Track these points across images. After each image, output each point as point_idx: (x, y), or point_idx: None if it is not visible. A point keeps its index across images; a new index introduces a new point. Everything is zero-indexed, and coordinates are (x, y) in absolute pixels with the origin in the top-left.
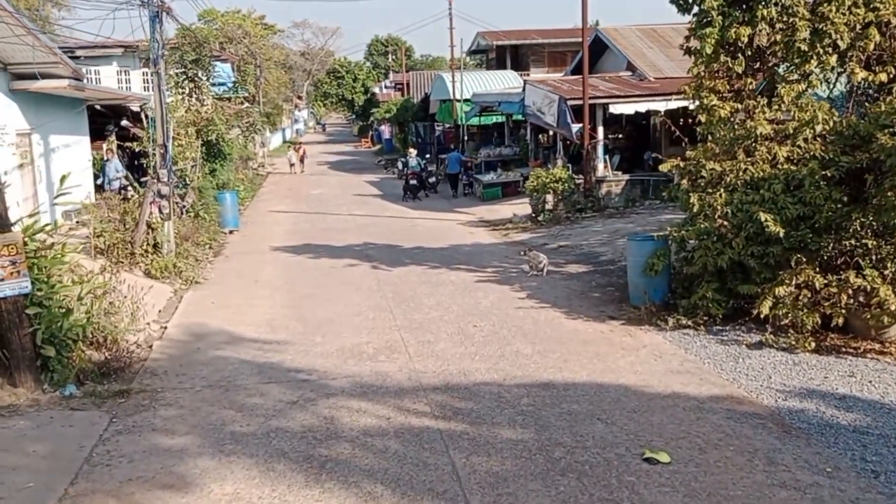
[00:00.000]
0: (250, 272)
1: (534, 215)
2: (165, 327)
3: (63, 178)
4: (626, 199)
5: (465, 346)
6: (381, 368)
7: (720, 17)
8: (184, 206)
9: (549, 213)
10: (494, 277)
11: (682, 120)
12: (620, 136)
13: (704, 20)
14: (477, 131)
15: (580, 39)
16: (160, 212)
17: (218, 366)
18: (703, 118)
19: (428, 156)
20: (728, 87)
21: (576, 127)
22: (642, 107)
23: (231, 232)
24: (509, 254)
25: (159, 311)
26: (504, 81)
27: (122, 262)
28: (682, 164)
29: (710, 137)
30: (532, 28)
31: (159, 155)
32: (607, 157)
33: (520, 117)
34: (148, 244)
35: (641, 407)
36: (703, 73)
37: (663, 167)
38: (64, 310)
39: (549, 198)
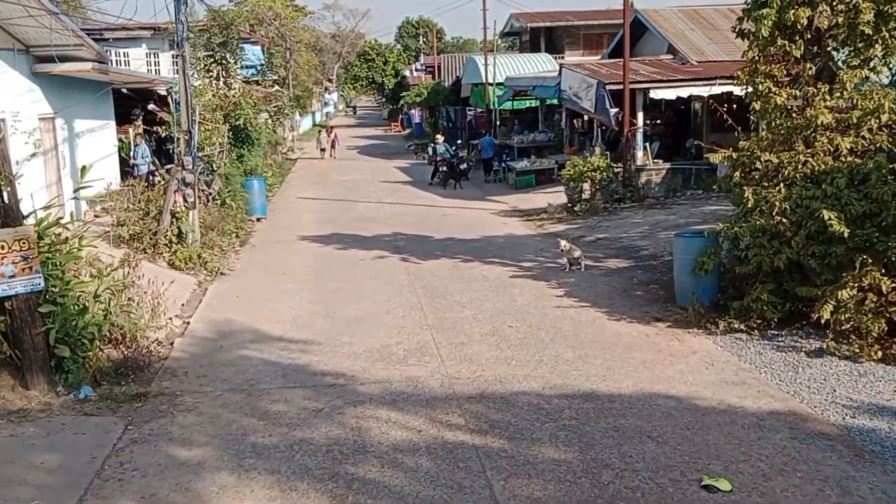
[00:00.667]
0: (277, 263)
1: (570, 205)
2: (188, 323)
3: (84, 170)
4: (667, 189)
5: (500, 349)
6: (412, 373)
7: None
8: (210, 194)
9: (585, 203)
10: (530, 272)
11: (726, 105)
12: (659, 122)
13: (761, 0)
14: (509, 116)
15: (617, 21)
16: (185, 200)
17: (241, 366)
18: (757, 105)
19: (459, 141)
20: (785, 72)
21: (614, 112)
22: (684, 92)
23: (259, 219)
24: (545, 246)
25: (182, 304)
26: (538, 65)
27: (146, 253)
28: (734, 155)
29: (764, 126)
30: (567, 10)
31: (184, 141)
32: (647, 144)
33: (554, 102)
34: (172, 234)
35: (695, 423)
36: (757, 58)
37: (714, 158)
38: (80, 307)
39: (586, 187)
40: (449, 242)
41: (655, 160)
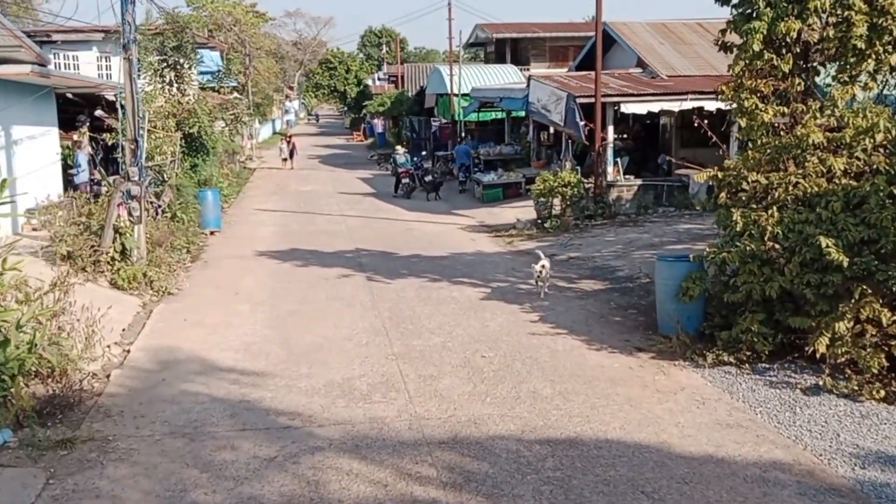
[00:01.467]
0: (230, 282)
1: (539, 221)
2: (128, 350)
3: (3, 184)
4: (639, 206)
5: (473, 382)
6: (376, 412)
7: (768, 8)
8: (159, 206)
9: (556, 219)
10: (501, 294)
11: (696, 122)
12: (627, 136)
13: (750, 12)
14: (475, 128)
15: (584, 34)
16: (130, 214)
17: (185, 404)
18: (742, 122)
19: (424, 153)
20: (771, 88)
21: (584, 125)
22: (656, 106)
23: (212, 233)
24: (515, 265)
25: (123, 329)
26: (504, 76)
27: (86, 272)
28: (719, 175)
29: (750, 145)
30: (533, 22)
31: (129, 150)
32: (617, 159)
33: (521, 114)
34: (115, 251)
35: (692, 476)
36: (743, 72)
37: (698, 177)
38: None
39: (556, 202)
40: (415, 260)
41: (626, 176)
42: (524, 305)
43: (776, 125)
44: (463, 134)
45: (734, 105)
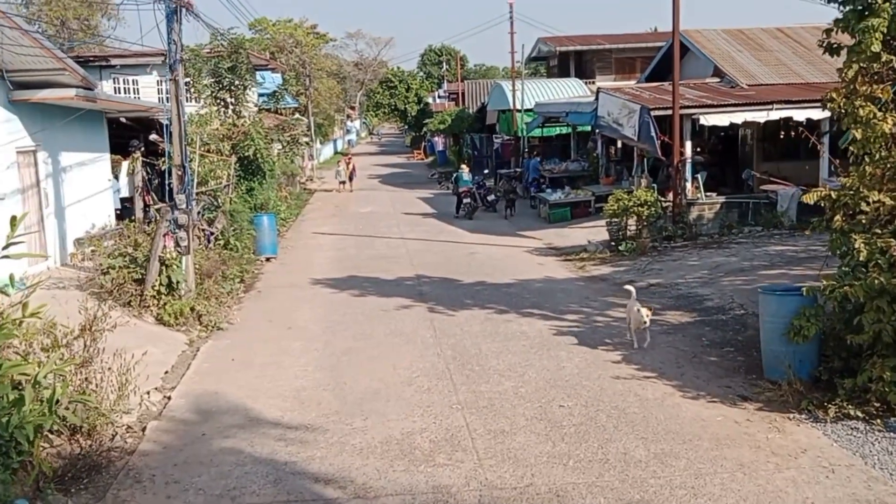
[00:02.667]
0: (283, 315)
1: (613, 244)
2: (169, 397)
3: (13, 221)
4: (721, 225)
5: (551, 440)
6: (441, 479)
7: (887, 3)
8: (211, 234)
9: (631, 241)
10: (577, 328)
11: (783, 133)
12: (702, 150)
13: (863, 8)
14: (538, 144)
15: (651, 44)
16: (177, 244)
17: (224, 466)
18: (857, 134)
19: (486, 171)
20: (891, 94)
21: (658, 139)
22: (738, 117)
23: (268, 259)
24: (589, 294)
25: (166, 371)
26: (569, 90)
27: (131, 306)
28: (833, 195)
29: (867, 159)
30: (596, 33)
31: (176, 177)
32: (697, 175)
33: (586, 129)
34: (161, 284)
35: None
36: (856, 76)
37: (807, 198)
38: (13, 398)
39: (631, 223)
40: (479, 288)
41: (708, 193)
42: (604, 342)
43: None
44: (526, 150)
45: (845, 114)
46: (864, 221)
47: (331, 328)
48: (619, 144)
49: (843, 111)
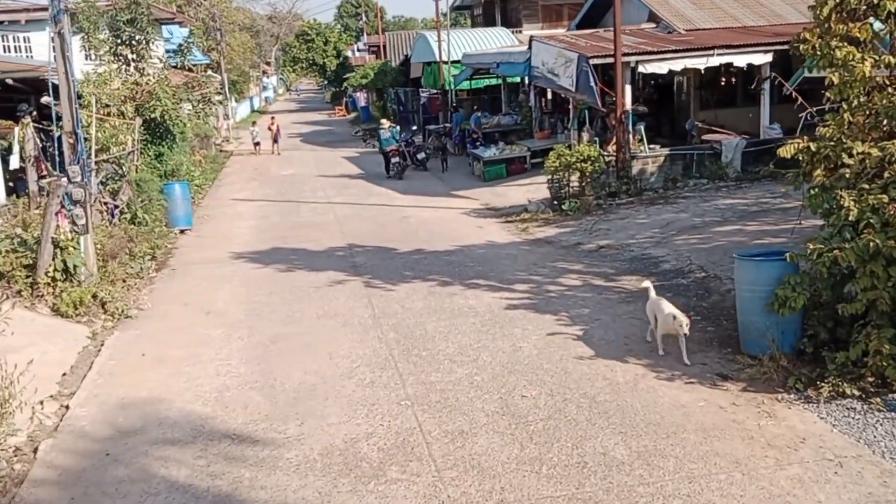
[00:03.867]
0: (201, 296)
1: (555, 203)
2: (67, 406)
3: None
4: (666, 179)
5: (519, 442)
6: (395, 500)
7: None
8: (116, 207)
9: (574, 199)
10: (528, 299)
11: (724, 80)
12: (638, 100)
13: None
14: (467, 97)
15: None
16: (73, 223)
17: (131, 498)
18: (834, 78)
19: (415, 127)
20: (870, 33)
21: (598, 89)
22: (678, 65)
23: (182, 231)
24: (537, 259)
25: (64, 373)
26: (496, 39)
27: (22, 296)
28: (812, 146)
29: (845, 106)
30: None
31: (68, 146)
32: (640, 127)
33: (516, 80)
34: (55, 269)
35: None
36: (831, 14)
37: (784, 151)
38: None
39: (574, 180)
40: (418, 257)
41: (651, 146)
42: (559, 315)
43: (881, 80)
44: (454, 104)
45: (820, 56)
46: (847, 176)
47: (255, 311)
48: (550, 96)
49: (818, 52)
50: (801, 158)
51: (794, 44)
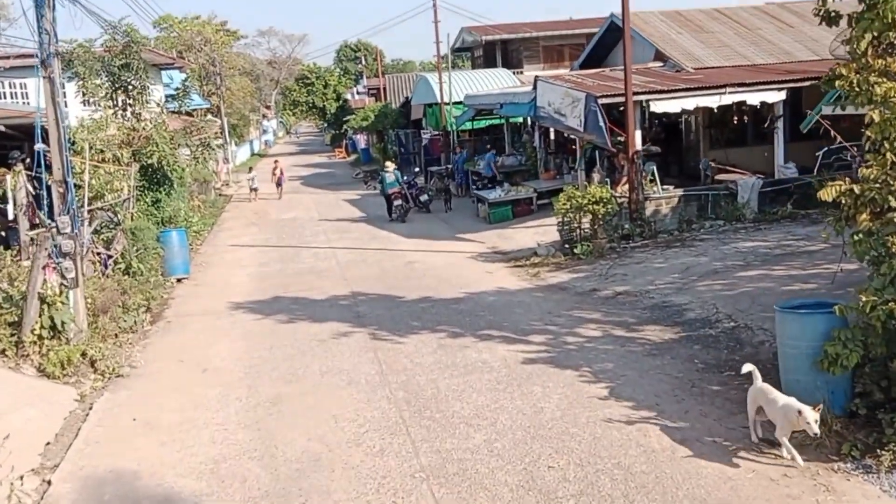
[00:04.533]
0: (197, 352)
1: (566, 246)
2: (49, 482)
3: None
4: (680, 221)
5: None
6: None
7: None
8: (109, 257)
9: (587, 243)
10: (546, 352)
11: (736, 119)
12: (646, 140)
13: None
14: (469, 138)
15: (580, 31)
16: (63, 277)
17: None
18: (875, 115)
19: (417, 168)
20: None
21: (608, 129)
22: (690, 103)
23: (179, 280)
24: (552, 308)
25: (48, 442)
26: (497, 80)
27: (7, 356)
28: (856, 189)
29: (886, 145)
30: (522, 21)
31: (58, 195)
32: (653, 167)
33: (518, 120)
34: (42, 326)
35: None
36: (869, 49)
37: (825, 194)
38: None
39: (586, 222)
40: (425, 305)
41: (665, 187)
42: (581, 370)
43: None
44: (457, 144)
45: (858, 92)
46: None
47: (255, 368)
48: (553, 136)
49: (855, 88)
50: (842, 201)
51: (828, 80)
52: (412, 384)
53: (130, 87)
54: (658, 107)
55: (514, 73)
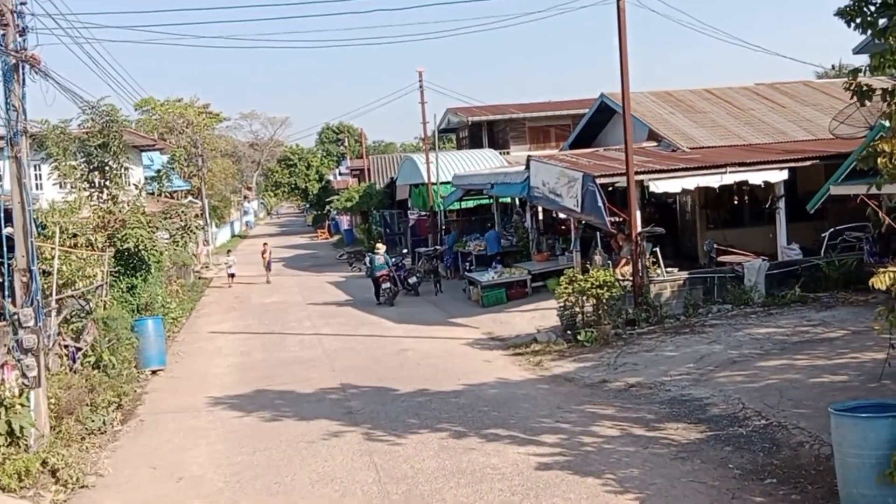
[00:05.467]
0: (172, 457)
1: (568, 332)
2: None
3: None
4: (686, 304)
5: None
6: None
7: None
8: (78, 349)
9: (590, 329)
10: (561, 456)
11: (736, 199)
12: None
13: None
14: (457, 218)
15: (566, 112)
16: (24, 376)
17: None
18: None
19: (405, 250)
20: None
21: (607, 210)
22: (690, 182)
23: (155, 372)
24: (561, 402)
25: None
26: (485, 161)
27: None
28: None
29: None
30: (508, 103)
31: (20, 285)
32: (656, 249)
33: (507, 200)
34: None
35: None
36: None
37: (878, 281)
38: None
39: (588, 307)
40: (422, 399)
41: (669, 269)
42: (603, 477)
43: None
44: (444, 225)
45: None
46: None
47: (236, 476)
48: (541, 216)
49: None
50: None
51: (866, 157)
52: (415, 496)
53: (107, 168)
54: (658, 186)
55: (500, 153)
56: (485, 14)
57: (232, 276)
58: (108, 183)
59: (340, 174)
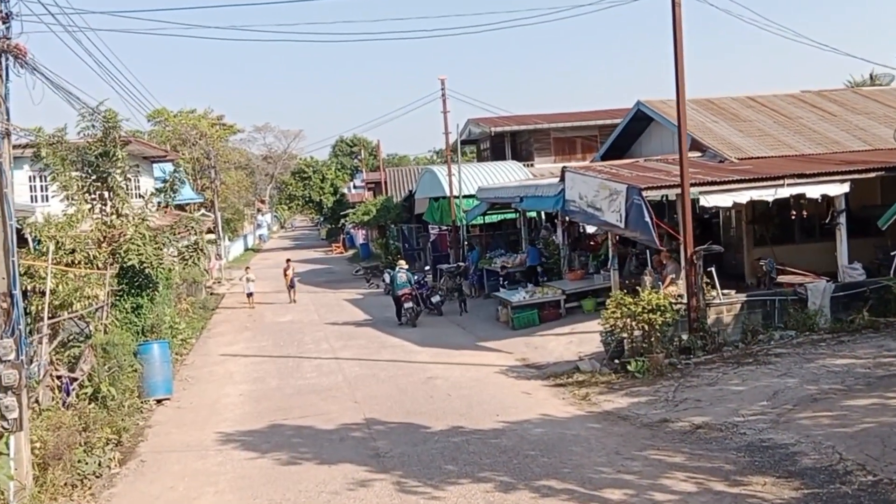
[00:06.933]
0: None
1: (616, 361)
2: None
3: None
4: (744, 330)
5: None
6: None
7: None
8: (73, 380)
9: (642, 358)
10: None
11: (793, 212)
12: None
13: None
14: (480, 233)
15: (591, 122)
16: (3, 418)
17: None
18: None
19: (427, 267)
20: None
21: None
22: (744, 196)
23: (160, 402)
24: (619, 446)
25: None
26: (509, 173)
27: None
28: None
29: None
30: (531, 113)
31: (1, 312)
32: (712, 269)
33: (532, 215)
34: None
35: None
36: None
37: None
38: None
39: (637, 333)
40: (458, 440)
41: (725, 292)
42: None
43: None
44: (466, 241)
45: None
46: None
47: None
48: (561, 229)
49: None
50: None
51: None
52: None
53: (109, 179)
54: (710, 201)
55: (524, 165)
56: (522, 6)
57: (250, 295)
58: (110, 195)
59: (355, 187)
